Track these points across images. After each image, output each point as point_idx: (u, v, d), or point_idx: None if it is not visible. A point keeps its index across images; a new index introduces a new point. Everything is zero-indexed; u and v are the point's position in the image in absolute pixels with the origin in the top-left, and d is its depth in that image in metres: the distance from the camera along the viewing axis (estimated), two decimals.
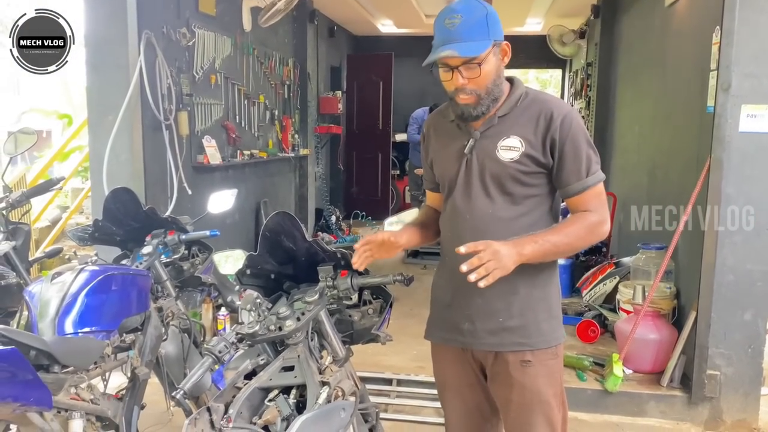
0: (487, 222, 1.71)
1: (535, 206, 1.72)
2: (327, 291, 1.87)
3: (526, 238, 1.60)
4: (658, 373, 3.43)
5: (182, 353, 2.58)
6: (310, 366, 1.71)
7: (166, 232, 2.57)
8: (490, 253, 1.50)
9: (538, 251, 1.60)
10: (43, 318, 1.96)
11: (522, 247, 1.57)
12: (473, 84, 1.64)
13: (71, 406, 1.81)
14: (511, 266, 1.54)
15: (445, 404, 2.00)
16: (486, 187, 1.72)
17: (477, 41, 1.60)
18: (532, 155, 1.67)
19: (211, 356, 1.68)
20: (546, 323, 1.75)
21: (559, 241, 1.63)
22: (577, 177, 1.67)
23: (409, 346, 3.91)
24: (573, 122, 1.66)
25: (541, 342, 1.74)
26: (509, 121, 1.71)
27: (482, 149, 1.72)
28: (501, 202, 1.71)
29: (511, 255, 1.54)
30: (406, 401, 3.39)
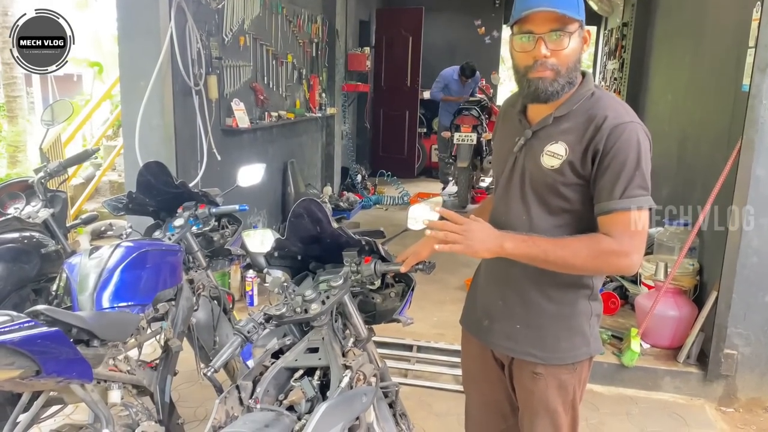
0: (521, 229, 1.59)
1: (572, 221, 1.57)
2: (351, 275, 1.94)
3: (517, 234, 1.52)
4: (675, 348, 3.47)
5: (212, 321, 2.70)
6: (333, 348, 1.79)
7: (197, 205, 2.65)
8: (462, 229, 1.45)
9: (521, 251, 1.49)
10: (83, 292, 2.07)
11: (505, 239, 1.48)
12: (556, 57, 1.47)
13: (110, 377, 1.93)
14: (481, 251, 1.47)
15: (467, 393, 2.02)
16: (524, 192, 1.61)
17: (572, 9, 1.45)
18: (573, 164, 1.51)
19: (240, 336, 1.77)
20: (566, 341, 1.65)
21: (552, 250, 1.47)
22: (608, 195, 1.47)
23: (430, 313, 4.02)
24: (626, 134, 1.45)
25: (556, 358, 1.65)
26: (563, 123, 1.55)
27: (530, 151, 1.60)
28: (536, 211, 1.59)
29: (486, 241, 1.47)
30: (426, 367, 3.50)
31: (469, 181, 6.61)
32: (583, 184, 1.53)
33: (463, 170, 6.46)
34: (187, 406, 3.09)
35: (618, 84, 7.15)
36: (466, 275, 4.57)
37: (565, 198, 1.56)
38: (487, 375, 1.86)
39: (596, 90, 1.58)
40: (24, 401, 1.87)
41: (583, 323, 1.66)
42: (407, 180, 8.54)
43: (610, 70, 8.04)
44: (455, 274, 4.62)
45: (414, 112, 9.05)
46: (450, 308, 4.10)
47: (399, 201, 7.51)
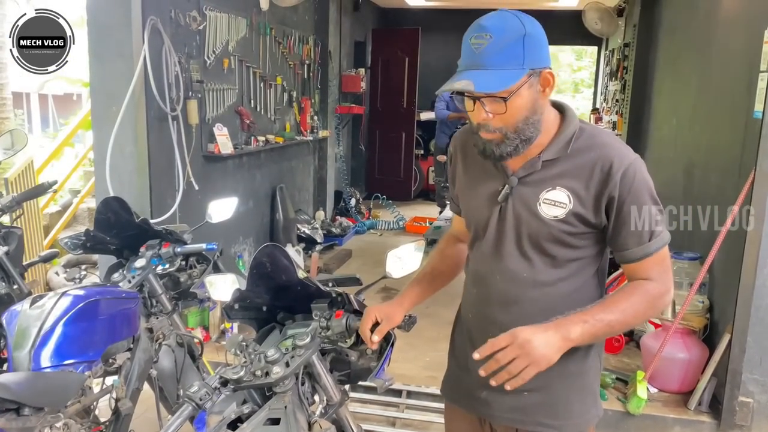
0: (521, 287, 1.44)
1: (579, 269, 1.44)
2: (320, 332, 1.71)
3: (573, 317, 1.31)
4: (684, 393, 3.22)
5: (176, 369, 2.46)
6: (297, 421, 1.56)
7: (161, 243, 2.44)
8: (516, 348, 1.24)
9: (588, 333, 1.31)
10: (19, 349, 1.84)
11: (568, 329, 1.28)
12: (499, 121, 1.32)
13: None
14: (554, 356, 1.26)
15: None
16: (522, 245, 1.43)
17: (506, 69, 1.27)
18: (581, 214, 1.37)
19: (191, 404, 1.54)
20: (578, 403, 1.49)
21: (615, 320, 1.33)
22: (638, 241, 1.37)
23: (421, 352, 3.77)
24: (636, 175, 1.34)
25: (571, 426, 1.49)
26: (556, 167, 1.39)
27: (520, 200, 1.42)
28: (539, 265, 1.43)
29: (551, 343, 1.26)
30: (416, 415, 3.24)
31: None
32: (593, 231, 1.41)
33: None
34: None
35: (620, 106, 6.96)
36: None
37: (572, 247, 1.41)
38: None
39: (583, 125, 1.42)
40: None
41: (593, 380, 1.52)
42: (403, 203, 8.33)
43: (611, 91, 7.86)
44: (448, 308, 4.33)
45: (410, 133, 8.87)
46: (443, 347, 3.78)
47: (394, 226, 7.29)
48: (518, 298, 1.44)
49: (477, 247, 1.53)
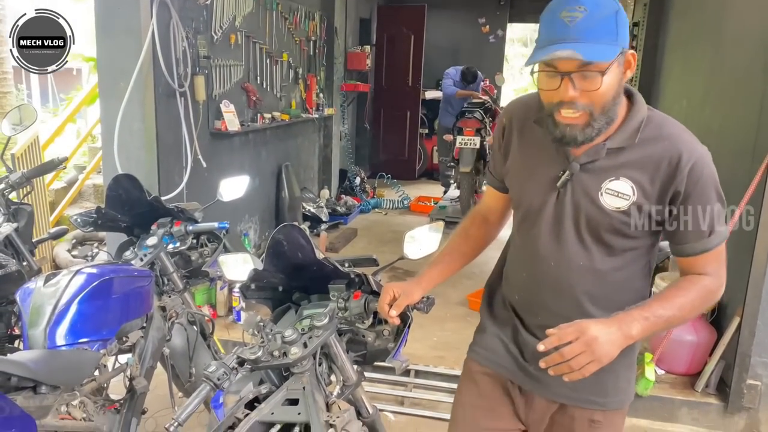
0: (576, 274, 1.41)
1: (633, 260, 1.42)
2: (338, 313, 1.70)
3: (634, 312, 1.28)
4: (692, 375, 3.23)
5: (188, 349, 2.46)
6: (315, 401, 1.56)
7: (172, 221, 2.42)
8: (583, 344, 1.21)
9: (647, 330, 1.28)
10: (34, 326, 1.83)
11: (629, 326, 1.26)
12: (587, 99, 1.25)
13: (61, 428, 1.69)
14: (615, 353, 1.23)
15: None
16: (580, 233, 1.40)
17: (603, 44, 1.21)
18: (644, 208, 1.34)
19: (209, 383, 1.53)
20: (624, 380, 1.49)
21: (672, 316, 1.31)
22: (698, 236, 1.34)
23: (429, 332, 3.77)
24: (705, 170, 1.30)
25: (616, 402, 1.49)
26: (622, 157, 1.34)
27: (581, 187, 1.37)
28: (596, 253, 1.40)
29: (614, 340, 1.23)
30: (424, 394, 3.25)
31: (471, 186, 6.34)
32: (652, 224, 1.38)
33: (465, 175, 6.19)
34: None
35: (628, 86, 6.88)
36: (468, 289, 4.32)
37: (630, 237, 1.38)
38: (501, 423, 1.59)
39: (651, 113, 1.37)
40: None
41: (636, 357, 1.51)
42: (408, 182, 8.29)
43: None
44: (456, 288, 4.38)
45: (415, 112, 8.80)
46: (451, 327, 3.86)
47: (399, 205, 7.27)
48: (572, 284, 1.42)
49: (528, 230, 1.49)
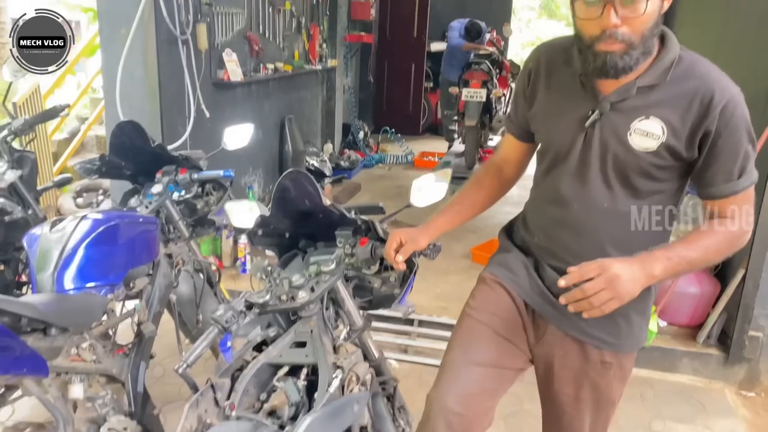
0: (599, 216, 1.40)
1: (658, 203, 1.40)
2: (345, 259, 1.70)
3: (657, 253, 1.28)
4: (694, 327, 3.26)
5: (195, 296, 2.48)
6: (323, 344, 1.57)
7: (177, 169, 2.40)
8: (605, 281, 1.20)
9: (670, 271, 1.28)
10: (42, 271, 1.84)
11: (652, 266, 1.25)
12: (628, 27, 1.22)
13: (71, 369, 1.71)
14: (636, 292, 1.23)
15: (460, 345, 1.62)
16: (606, 174, 1.37)
17: None
18: (674, 147, 1.31)
19: (217, 326, 1.54)
20: (637, 324, 1.48)
21: (696, 258, 1.30)
22: (727, 178, 1.32)
23: (432, 284, 3.80)
24: (737, 110, 1.27)
25: (628, 345, 1.49)
26: (652, 95, 1.31)
27: (609, 127, 1.35)
28: (621, 195, 1.38)
29: (636, 279, 1.23)
30: (427, 343, 3.29)
31: (477, 140, 6.29)
32: (681, 165, 1.36)
33: (471, 129, 6.13)
34: (172, 383, 2.89)
35: None
36: (472, 243, 4.33)
37: (657, 180, 1.36)
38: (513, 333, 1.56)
39: (683, 52, 1.33)
40: None
41: (651, 304, 1.50)
42: (412, 137, 8.22)
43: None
44: (461, 241, 4.39)
45: (420, 65, 8.66)
46: (454, 279, 3.88)
47: (403, 160, 7.22)
48: (595, 227, 1.41)
49: (552, 173, 1.47)
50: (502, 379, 1.58)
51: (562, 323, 1.50)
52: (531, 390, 2.67)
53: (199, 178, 2.38)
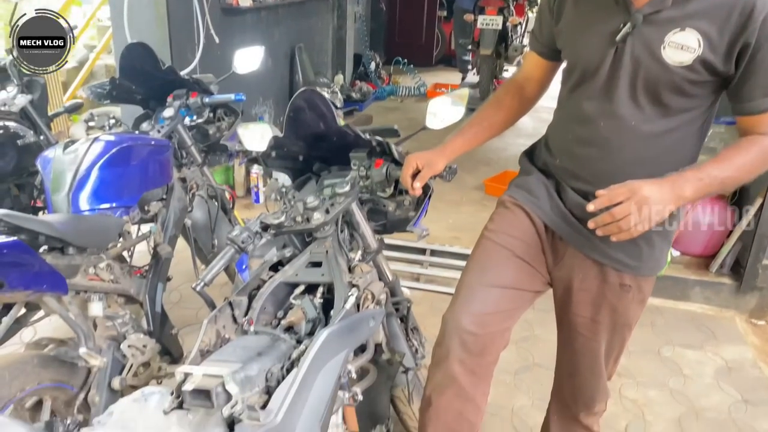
0: (625, 136, 1.34)
1: (688, 121, 1.32)
2: (359, 181, 1.69)
3: (688, 173, 1.22)
4: (707, 257, 3.25)
5: (210, 221, 2.49)
6: (338, 264, 1.57)
7: (188, 93, 2.37)
8: (634, 204, 1.16)
9: (701, 191, 1.22)
10: (57, 192, 1.84)
11: (682, 187, 1.20)
12: None
13: (90, 288, 1.74)
14: (665, 214, 1.19)
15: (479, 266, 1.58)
16: (635, 92, 1.30)
17: None
18: (710, 61, 1.23)
19: (234, 246, 1.55)
20: (659, 249, 1.44)
21: (728, 177, 1.23)
22: (765, 92, 1.24)
23: (445, 215, 3.80)
24: None
25: (648, 269, 1.45)
26: (689, 6, 1.22)
27: (642, 41, 1.27)
28: (649, 113, 1.31)
29: (666, 201, 1.18)
30: (439, 272, 3.32)
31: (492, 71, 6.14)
32: (715, 80, 1.27)
33: (485, 59, 5.98)
34: (188, 308, 2.96)
35: None
36: (485, 174, 4.30)
37: (689, 96, 1.28)
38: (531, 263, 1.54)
39: None
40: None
41: (675, 229, 1.44)
42: (424, 69, 8.05)
43: None
44: (473, 173, 4.35)
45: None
46: (467, 210, 3.87)
47: (415, 92, 7.10)
48: (620, 146, 1.35)
49: (580, 90, 1.40)
50: (519, 300, 1.56)
51: (582, 246, 1.47)
52: (542, 317, 2.74)
53: (210, 101, 2.35)
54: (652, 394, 2.45)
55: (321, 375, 1.30)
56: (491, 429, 2.21)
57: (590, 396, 1.63)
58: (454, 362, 1.48)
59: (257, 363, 1.23)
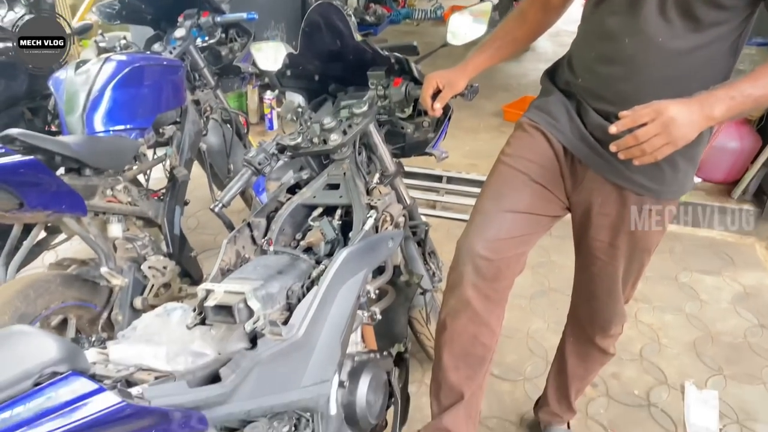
0: (651, 53, 1.24)
1: (720, 37, 1.22)
2: (378, 101, 1.64)
3: (719, 92, 1.12)
4: (729, 183, 3.19)
5: (225, 146, 2.47)
6: (356, 185, 1.55)
7: (199, 12, 2.30)
8: (660, 125, 1.09)
9: (732, 110, 1.12)
10: (71, 113, 1.82)
11: (712, 107, 1.11)
12: None
13: (108, 209, 1.74)
14: (692, 136, 1.11)
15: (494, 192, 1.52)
16: (664, 4, 1.20)
17: None
18: None
19: (251, 168, 1.53)
20: (683, 172, 1.37)
21: (763, 95, 1.12)
22: None
23: (462, 142, 3.74)
24: None
25: (671, 192, 1.39)
26: None
27: None
28: (679, 29, 1.21)
29: (694, 122, 1.10)
30: (456, 199, 3.30)
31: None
32: None
33: None
34: (206, 234, 2.98)
35: None
36: (503, 101, 4.20)
37: (723, 8, 1.18)
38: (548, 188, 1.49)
39: None
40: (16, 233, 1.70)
41: (702, 150, 1.37)
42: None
43: None
44: (491, 100, 4.26)
45: None
46: (484, 137, 3.81)
47: (432, 15, 6.88)
48: (646, 64, 1.27)
49: (605, 4, 1.32)
50: (535, 225, 1.52)
51: (602, 169, 1.42)
52: (559, 243, 2.73)
53: (222, 21, 2.28)
54: (668, 319, 2.46)
55: (341, 293, 1.31)
56: (507, 351, 2.25)
57: (607, 319, 1.63)
58: (467, 287, 1.47)
59: (278, 281, 1.23)
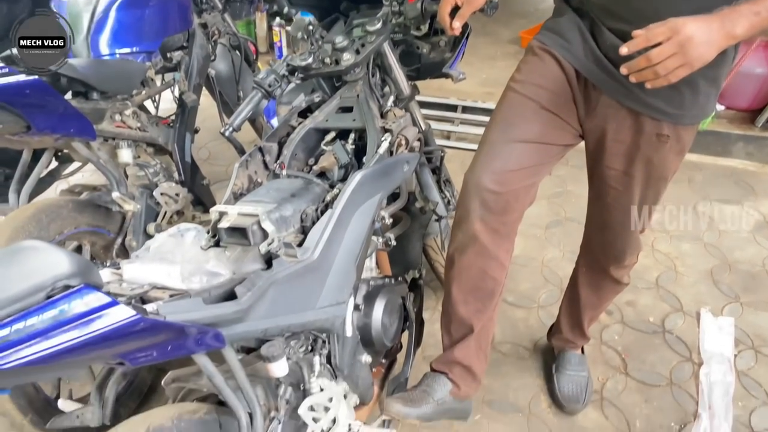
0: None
1: None
2: (392, 18, 1.57)
3: (742, 7, 1.03)
4: (753, 111, 3.09)
5: (234, 72, 2.40)
6: (370, 108, 1.51)
7: None
8: (675, 45, 1.01)
9: (756, 28, 1.03)
10: (75, 36, 1.76)
11: (733, 23, 1.02)
12: None
13: (118, 135, 1.71)
14: (711, 56, 1.03)
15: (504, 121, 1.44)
16: None
17: None
18: None
19: (261, 90, 1.49)
20: (704, 95, 1.28)
21: None
22: None
23: (478, 70, 3.63)
24: None
25: (690, 117, 1.30)
26: None
27: None
28: None
29: (713, 41, 1.02)
30: (471, 129, 3.23)
31: None
32: None
33: None
34: (217, 164, 2.95)
35: None
36: (520, 27, 4.05)
37: None
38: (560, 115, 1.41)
39: None
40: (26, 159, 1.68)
41: (725, 72, 1.27)
42: None
43: None
44: (508, 27, 4.10)
45: None
46: (501, 65, 3.69)
47: None
48: None
49: None
50: (546, 155, 1.45)
51: (616, 93, 1.33)
52: (575, 172, 2.68)
53: None
54: (686, 248, 2.43)
55: (355, 217, 1.28)
56: (522, 279, 2.24)
57: (621, 249, 1.59)
58: (475, 221, 1.42)
59: (291, 204, 1.21)
